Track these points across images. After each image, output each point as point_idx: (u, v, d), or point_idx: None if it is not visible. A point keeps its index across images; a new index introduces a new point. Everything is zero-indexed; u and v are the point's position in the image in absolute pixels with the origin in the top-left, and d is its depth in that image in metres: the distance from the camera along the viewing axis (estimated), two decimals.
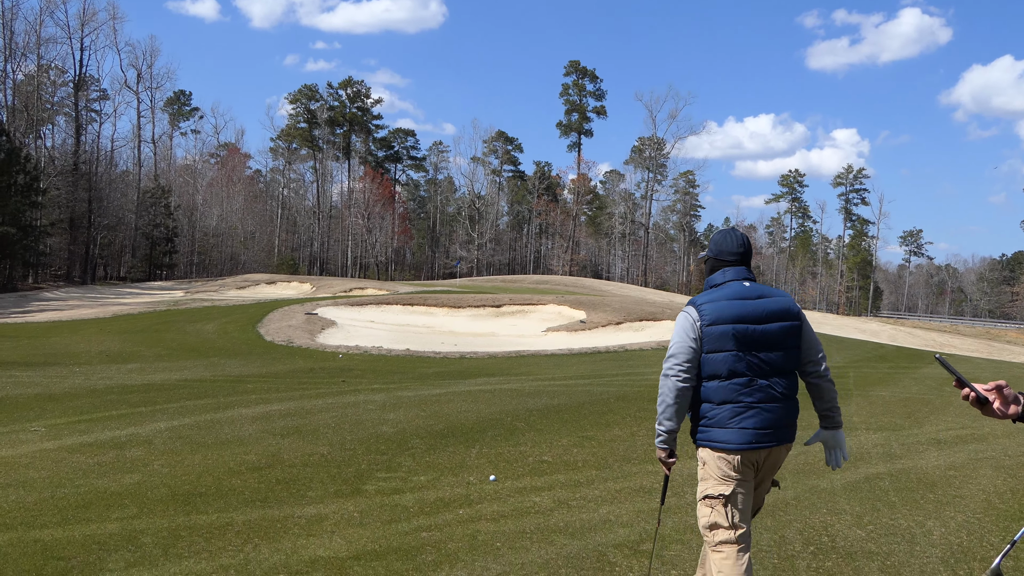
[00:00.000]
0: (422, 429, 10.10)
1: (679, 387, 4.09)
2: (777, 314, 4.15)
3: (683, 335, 4.12)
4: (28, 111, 68.11)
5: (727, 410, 4.07)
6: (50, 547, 5.43)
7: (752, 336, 4.07)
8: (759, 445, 4.04)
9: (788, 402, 4.15)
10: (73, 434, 9.37)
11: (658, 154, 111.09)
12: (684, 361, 4.09)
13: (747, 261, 4.32)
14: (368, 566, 5.22)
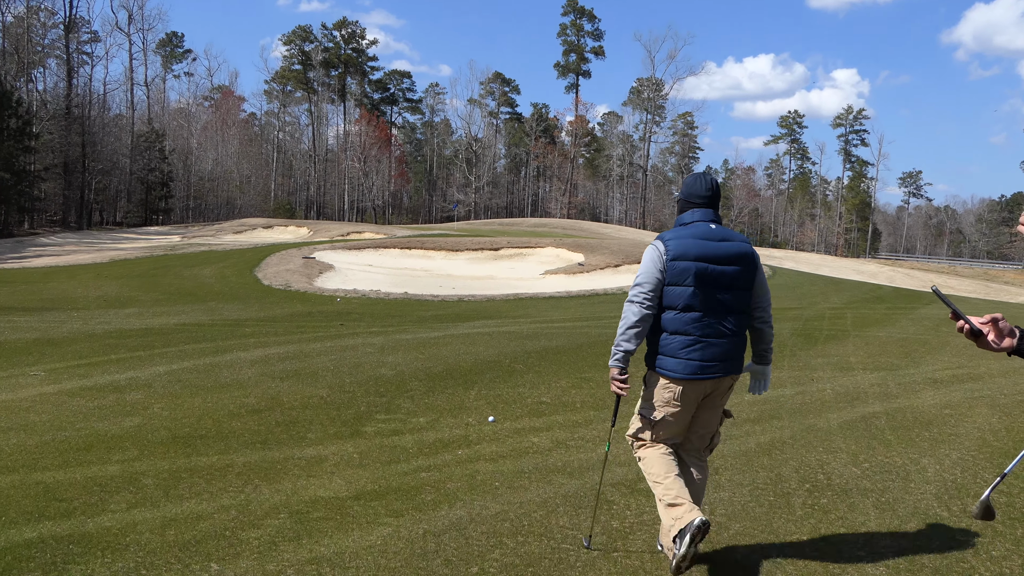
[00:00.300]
0: (421, 371, 10.14)
1: (643, 313, 4.34)
2: (736, 257, 4.38)
3: (650, 266, 4.37)
4: (19, 54, 67.34)
5: (678, 341, 4.34)
6: (52, 489, 5.47)
7: (710, 275, 4.32)
8: (702, 376, 4.32)
9: (736, 338, 4.41)
10: (73, 378, 9.40)
11: (656, 95, 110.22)
12: (649, 290, 4.34)
13: (715, 204, 4.54)
14: (368, 506, 5.27)
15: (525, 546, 4.67)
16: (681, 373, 4.32)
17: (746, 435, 7.32)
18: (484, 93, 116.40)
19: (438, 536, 4.78)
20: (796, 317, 17.92)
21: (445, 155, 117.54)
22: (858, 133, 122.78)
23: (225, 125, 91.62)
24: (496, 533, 4.85)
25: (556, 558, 4.52)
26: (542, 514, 5.18)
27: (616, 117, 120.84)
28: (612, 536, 4.86)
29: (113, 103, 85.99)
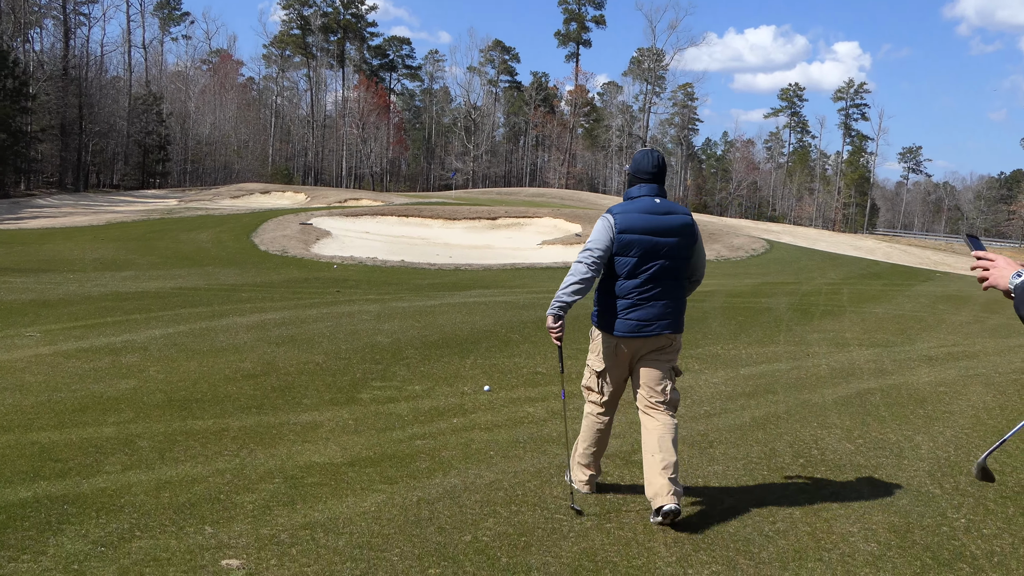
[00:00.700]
0: (417, 339, 10.14)
1: (589, 273, 4.79)
2: (677, 229, 4.83)
3: (601, 235, 4.81)
4: (15, 14, 66.66)
5: (620, 303, 4.83)
6: (48, 449, 5.47)
7: (654, 247, 4.78)
8: (636, 335, 4.84)
9: (673, 301, 4.91)
10: (68, 340, 9.39)
11: (657, 66, 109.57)
12: (598, 256, 4.79)
13: (661, 180, 4.96)
14: (362, 472, 5.28)
15: (519, 515, 4.68)
16: (619, 331, 4.83)
17: (741, 409, 7.34)
18: (484, 61, 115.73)
19: (432, 504, 4.80)
20: (793, 292, 17.94)
21: (444, 123, 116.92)
22: (859, 107, 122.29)
23: (223, 89, 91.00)
24: (490, 502, 4.86)
25: (550, 528, 4.53)
26: (536, 484, 5.20)
27: (616, 87, 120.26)
28: (606, 507, 4.88)
29: (110, 65, 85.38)
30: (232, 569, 3.88)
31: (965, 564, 4.32)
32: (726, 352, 10.10)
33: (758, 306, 14.91)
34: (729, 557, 4.26)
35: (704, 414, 7.11)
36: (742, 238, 31.73)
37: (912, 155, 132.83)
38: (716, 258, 26.21)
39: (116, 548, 4.03)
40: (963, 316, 15.09)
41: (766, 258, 27.81)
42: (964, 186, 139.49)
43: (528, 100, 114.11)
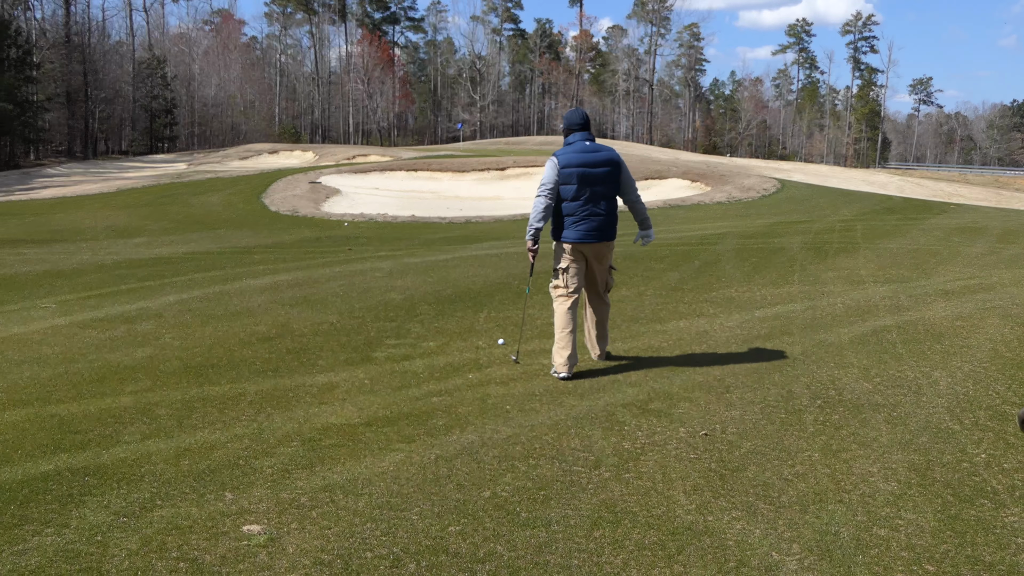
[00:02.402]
0: (430, 295, 10.13)
1: (547, 203, 6.48)
2: (604, 162, 6.51)
3: (550, 172, 6.47)
4: None
5: (570, 220, 6.52)
6: (66, 421, 5.51)
7: (588, 175, 6.46)
8: (585, 240, 6.53)
9: (607, 217, 6.59)
10: (84, 310, 9.43)
11: (661, 7, 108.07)
12: (550, 189, 6.44)
13: (588, 128, 6.69)
14: (379, 431, 5.29)
15: (537, 469, 4.69)
16: (571, 239, 6.52)
17: (757, 352, 7.31)
18: (487, 10, 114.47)
19: (450, 461, 4.81)
20: (805, 231, 17.81)
21: (449, 75, 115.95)
22: (867, 40, 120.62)
23: (227, 50, 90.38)
24: (508, 457, 4.87)
25: (568, 480, 4.54)
26: (553, 436, 5.20)
27: (621, 31, 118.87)
28: (623, 457, 4.87)
29: (112, 30, 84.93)
30: (253, 534, 3.91)
31: (987, 500, 4.31)
32: (740, 295, 10.05)
33: (771, 247, 14.82)
34: (749, 503, 4.26)
35: (719, 358, 7.09)
36: (753, 178, 31.46)
37: (923, 86, 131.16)
38: (727, 199, 26.02)
39: (138, 518, 4.07)
40: (978, 248, 14.96)
41: (777, 197, 27.59)
42: (976, 115, 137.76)
43: (533, 48, 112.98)
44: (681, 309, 9.24)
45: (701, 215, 22.00)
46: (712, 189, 29.06)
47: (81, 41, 70.54)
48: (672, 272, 11.84)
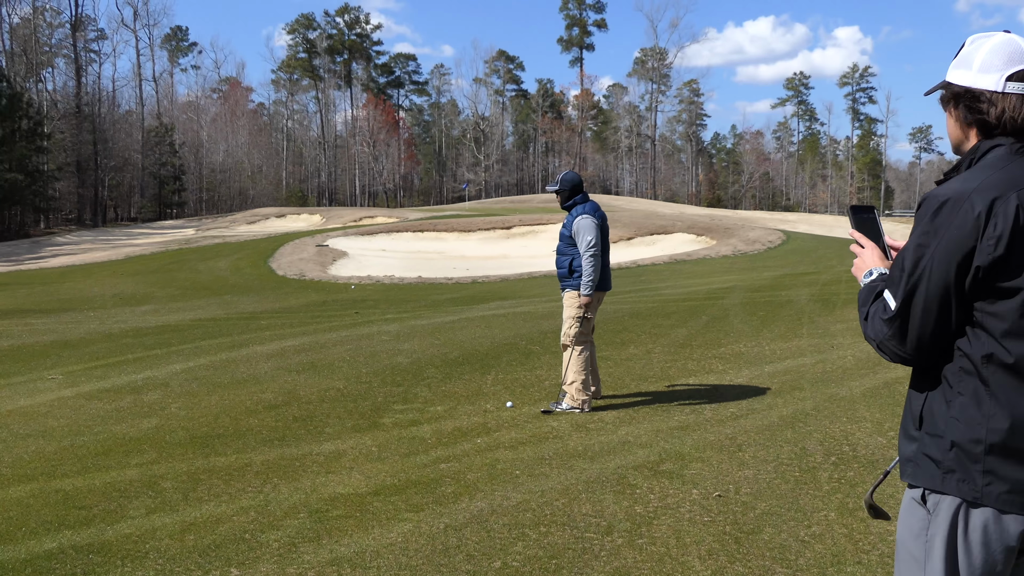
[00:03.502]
0: (437, 358, 10.09)
1: (599, 259, 7.27)
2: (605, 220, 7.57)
3: (596, 231, 7.26)
4: (27, 55, 67.42)
5: (602, 270, 7.36)
6: (71, 496, 5.44)
7: (606, 230, 7.48)
8: (605, 288, 7.53)
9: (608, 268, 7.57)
10: (90, 380, 9.40)
11: (661, 65, 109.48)
12: (599, 245, 7.26)
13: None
14: (388, 501, 5.21)
15: (548, 537, 4.60)
16: (603, 288, 7.45)
17: (768, 408, 7.23)
18: (489, 72, 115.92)
19: (459, 530, 4.72)
20: (813, 282, 17.77)
21: (453, 135, 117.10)
22: (865, 91, 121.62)
23: (234, 116, 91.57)
24: (518, 524, 4.79)
25: (580, 548, 4.45)
26: (564, 502, 5.12)
27: (621, 88, 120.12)
28: (636, 522, 4.78)
29: (122, 99, 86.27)
30: None
31: None
32: (749, 350, 9.98)
33: (779, 299, 14.77)
34: (766, 566, 4.17)
35: (731, 416, 7.00)
36: (757, 231, 31.51)
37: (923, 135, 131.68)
38: (733, 252, 26.02)
39: None
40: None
41: (783, 249, 27.59)
42: None
43: (535, 107, 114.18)
44: (690, 366, 9.17)
45: (707, 269, 21.99)
46: (718, 243, 29.10)
47: (91, 111, 71.72)
48: (680, 328, 11.78)
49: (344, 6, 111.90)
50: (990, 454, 2.03)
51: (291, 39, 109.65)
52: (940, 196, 2.06)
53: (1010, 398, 2.01)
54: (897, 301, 2.12)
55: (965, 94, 2.15)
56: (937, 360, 2.14)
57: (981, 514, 2.05)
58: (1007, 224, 1.96)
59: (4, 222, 56.77)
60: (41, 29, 72.59)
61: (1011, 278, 1.99)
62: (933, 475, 2.11)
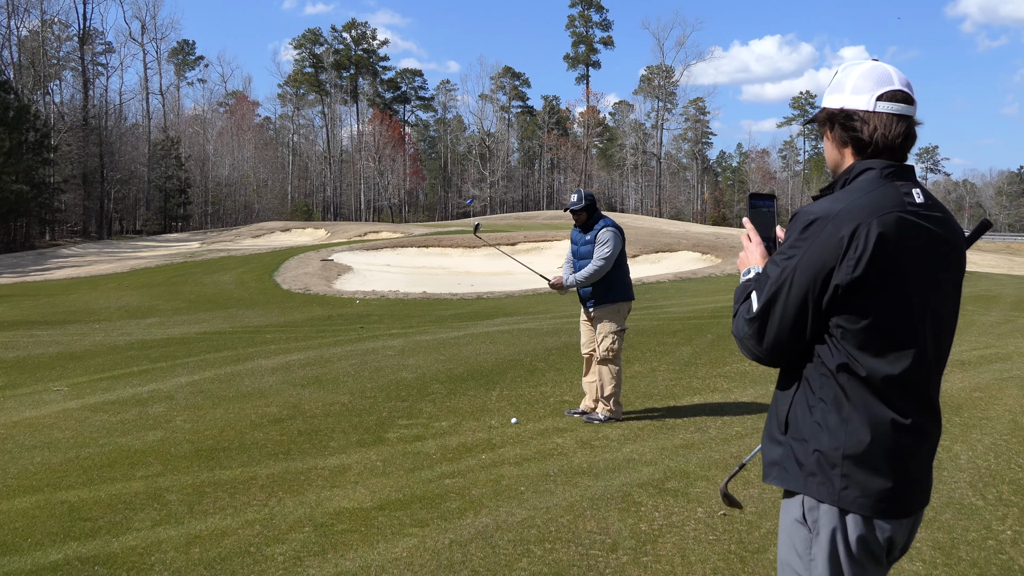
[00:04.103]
0: (442, 373, 10.09)
1: (603, 272, 7.51)
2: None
3: (619, 243, 7.58)
4: (34, 67, 67.81)
5: (627, 281, 7.72)
6: (77, 508, 5.45)
7: (624, 246, 7.71)
8: (631, 298, 7.76)
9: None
10: (96, 392, 9.41)
11: (667, 82, 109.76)
12: (612, 260, 7.49)
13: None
14: (392, 516, 5.22)
15: (553, 553, 4.60)
16: (626, 299, 7.66)
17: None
18: (495, 88, 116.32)
19: (464, 546, 4.72)
20: None
21: (459, 151, 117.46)
22: None
23: (240, 130, 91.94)
24: (523, 541, 4.79)
25: (585, 565, 4.45)
26: (569, 519, 5.12)
27: (627, 106, 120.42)
28: (641, 539, 4.78)
29: (129, 113, 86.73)
30: None
31: None
32: (754, 368, 9.98)
33: None
34: None
35: (736, 435, 7.00)
36: None
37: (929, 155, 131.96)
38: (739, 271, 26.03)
39: None
40: (993, 316, 14.88)
41: None
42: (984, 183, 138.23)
43: (541, 124, 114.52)
44: (695, 385, 9.17)
45: (712, 287, 21.99)
46: (723, 261, 29.11)
47: (98, 124, 72.03)
48: (685, 346, 11.78)
49: (351, 21, 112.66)
50: (847, 460, 2.14)
51: (298, 54, 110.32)
52: (811, 213, 2.18)
53: (867, 407, 2.14)
54: (759, 304, 2.25)
55: (840, 114, 2.29)
56: (792, 363, 2.28)
57: (856, 525, 2.16)
58: (867, 248, 2.08)
59: (10, 234, 56.91)
60: (49, 42, 73.04)
61: (866, 298, 2.12)
62: (796, 478, 2.23)
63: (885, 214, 2.11)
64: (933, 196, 2.28)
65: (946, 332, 2.29)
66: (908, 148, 2.28)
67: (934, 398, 2.23)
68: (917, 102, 2.29)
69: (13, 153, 53.11)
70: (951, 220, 2.28)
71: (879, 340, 2.14)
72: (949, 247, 2.25)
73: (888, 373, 2.13)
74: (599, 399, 7.61)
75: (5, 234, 56.04)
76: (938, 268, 2.22)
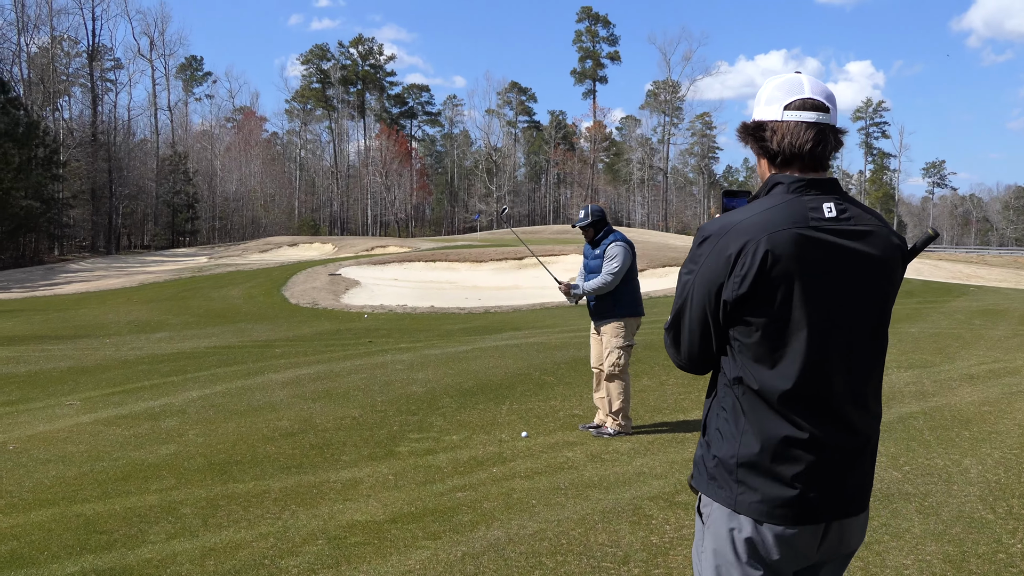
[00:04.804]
0: (451, 387, 10.14)
1: (612, 285, 7.52)
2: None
3: (629, 258, 7.57)
4: (44, 84, 68.22)
5: (637, 296, 7.75)
6: (92, 521, 5.50)
7: (634, 260, 7.70)
8: (640, 314, 7.76)
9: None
10: (108, 407, 9.48)
11: (673, 97, 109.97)
12: (621, 275, 7.50)
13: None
14: (405, 528, 5.26)
15: (565, 566, 4.64)
16: (635, 314, 7.68)
17: None
18: (501, 103, 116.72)
19: (477, 558, 4.76)
20: None
21: (465, 166, 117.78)
22: (878, 125, 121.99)
23: (248, 145, 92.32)
24: (535, 553, 4.82)
25: None
26: (580, 531, 5.15)
27: (634, 120, 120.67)
28: (652, 552, 4.81)
29: (137, 128, 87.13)
30: None
31: None
32: None
33: None
34: None
35: None
36: None
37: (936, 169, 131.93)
38: None
39: None
40: (1001, 331, 14.87)
41: None
42: (991, 197, 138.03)
43: (547, 139, 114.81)
44: (704, 398, 9.18)
45: None
46: None
47: (107, 139, 72.41)
48: None
49: (358, 37, 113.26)
50: (741, 467, 2.17)
51: (305, 69, 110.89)
52: (705, 231, 2.25)
53: (759, 419, 2.17)
54: (671, 316, 2.34)
55: (754, 126, 2.30)
56: (713, 371, 2.34)
57: (746, 526, 2.18)
58: (752, 266, 2.11)
59: (19, 249, 57.16)
60: (58, 59, 73.49)
61: (754, 314, 2.16)
62: (703, 480, 2.28)
63: (777, 231, 2.12)
64: (859, 208, 2.25)
65: (862, 347, 2.27)
66: (823, 156, 2.23)
67: (843, 410, 2.20)
68: (834, 109, 2.25)
69: (23, 169, 53.42)
70: (877, 232, 2.24)
71: (771, 354, 2.17)
72: (865, 260, 2.21)
73: (780, 387, 2.14)
74: (608, 414, 7.63)
75: (14, 249, 56.27)
76: (847, 283, 2.19)
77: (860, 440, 2.24)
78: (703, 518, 2.28)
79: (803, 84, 2.26)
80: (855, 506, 2.26)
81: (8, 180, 51.07)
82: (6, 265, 51.78)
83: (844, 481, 2.21)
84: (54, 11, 70.63)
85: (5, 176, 50.76)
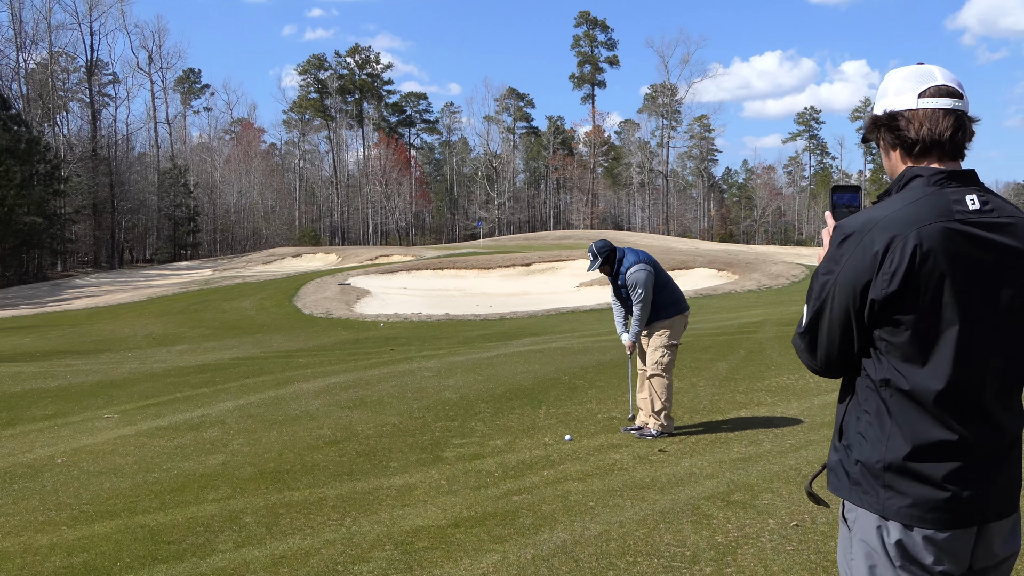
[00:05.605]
0: (484, 393, 10.20)
1: (648, 308, 7.70)
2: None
3: (651, 277, 7.65)
4: (43, 99, 68.36)
5: (674, 296, 7.88)
6: (157, 531, 5.57)
7: (658, 267, 7.88)
8: (685, 309, 7.98)
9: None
10: (146, 419, 9.54)
11: (672, 100, 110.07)
12: (649, 296, 7.66)
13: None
14: (469, 532, 5.32)
15: (636, 566, 4.70)
16: (680, 311, 7.86)
17: (826, 440, 7.31)
18: (500, 109, 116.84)
19: (547, 560, 4.83)
20: None
21: (465, 173, 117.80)
22: None
23: (247, 157, 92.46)
24: (604, 554, 4.89)
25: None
26: (644, 532, 5.22)
27: (633, 124, 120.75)
28: (720, 551, 4.88)
29: (137, 142, 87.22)
30: None
31: None
32: (793, 382, 10.07)
33: None
34: None
35: (791, 447, 7.10)
36: (780, 265, 31.63)
37: None
38: (758, 287, 26.13)
39: None
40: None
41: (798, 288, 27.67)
42: None
43: (546, 144, 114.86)
44: (738, 399, 9.26)
45: (735, 303, 22.09)
46: (740, 277, 29.21)
47: (107, 154, 72.52)
48: (720, 362, 11.88)
49: (355, 46, 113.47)
50: (888, 471, 2.12)
51: (302, 79, 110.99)
52: (846, 228, 2.20)
53: (908, 421, 2.11)
54: (806, 319, 2.28)
55: (886, 118, 2.26)
56: (849, 373, 2.28)
57: (895, 531, 2.13)
58: (902, 263, 2.06)
59: (23, 265, 57.18)
60: (57, 74, 73.62)
61: (904, 312, 2.09)
62: (844, 485, 2.23)
63: (925, 225, 2.07)
64: (1000, 200, 2.18)
65: (1011, 343, 2.18)
66: (961, 144, 2.20)
67: (992, 409, 2.14)
68: (967, 97, 2.21)
69: (25, 185, 53.46)
70: (1020, 224, 2.16)
71: (922, 353, 2.10)
72: (1011, 253, 2.13)
73: (933, 387, 2.08)
74: (651, 414, 7.70)
75: (18, 266, 56.28)
76: (995, 276, 2.12)
77: (1008, 439, 2.19)
78: (848, 524, 2.24)
79: (934, 72, 2.23)
80: (1008, 507, 2.20)
81: (11, 197, 51.08)
82: (11, 282, 51.83)
83: (995, 482, 2.16)
84: (52, 27, 70.86)
85: (8, 193, 50.78)
